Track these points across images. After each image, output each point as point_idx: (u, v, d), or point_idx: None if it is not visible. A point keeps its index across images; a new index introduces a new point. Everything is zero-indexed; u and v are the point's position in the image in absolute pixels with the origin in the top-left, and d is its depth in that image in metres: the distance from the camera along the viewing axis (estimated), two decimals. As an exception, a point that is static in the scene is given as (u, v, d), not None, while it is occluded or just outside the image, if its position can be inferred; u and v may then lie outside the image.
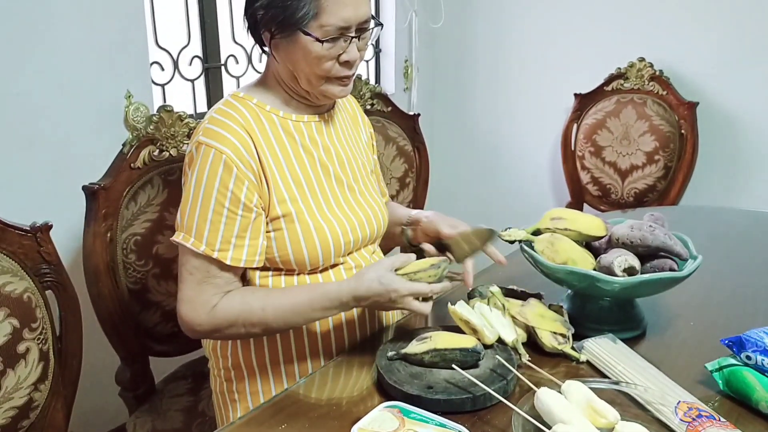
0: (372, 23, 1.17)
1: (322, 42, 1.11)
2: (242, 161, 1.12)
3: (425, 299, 1.11)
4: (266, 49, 1.20)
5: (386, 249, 1.49)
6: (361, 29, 1.15)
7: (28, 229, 1.20)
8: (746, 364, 1.00)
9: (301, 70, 1.16)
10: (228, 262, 1.13)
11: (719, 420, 0.91)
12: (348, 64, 1.16)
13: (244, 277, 1.22)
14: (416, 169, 2.33)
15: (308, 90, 1.19)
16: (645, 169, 2.61)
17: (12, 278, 1.16)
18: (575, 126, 2.76)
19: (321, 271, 1.23)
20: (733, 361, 1.02)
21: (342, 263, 1.25)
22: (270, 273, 1.21)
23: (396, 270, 1.11)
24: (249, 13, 1.17)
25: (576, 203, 2.78)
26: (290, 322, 1.15)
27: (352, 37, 1.13)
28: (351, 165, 1.30)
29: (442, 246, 1.27)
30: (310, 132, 1.24)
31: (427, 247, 1.28)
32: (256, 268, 1.19)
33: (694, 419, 0.91)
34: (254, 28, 1.18)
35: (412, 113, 2.32)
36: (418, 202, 2.37)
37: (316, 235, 1.18)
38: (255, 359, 1.23)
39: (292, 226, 1.17)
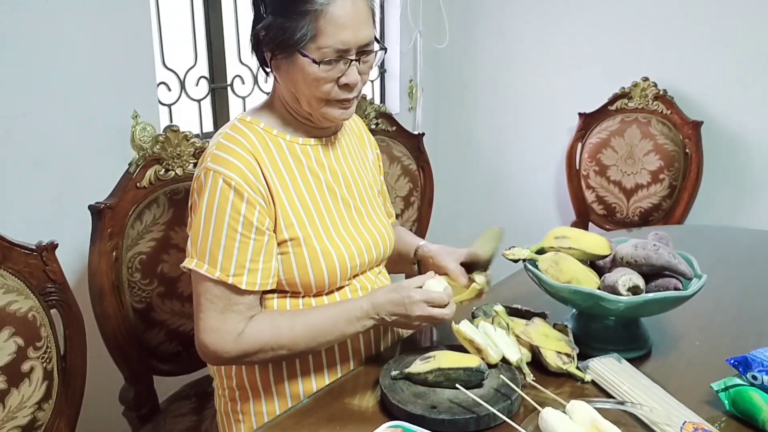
0: (376, 46, 1.16)
1: (318, 64, 1.10)
2: (251, 186, 1.12)
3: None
4: (268, 70, 1.21)
5: (391, 273, 1.49)
6: (363, 52, 1.14)
7: (34, 248, 1.21)
8: (752, 384, 0.99)
9: (301, 92, 1.16)
10: (243, 287, 1.12)
11: (726, 441, 0.90)
12: (348, 87, 1.15)
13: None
14: (421, 188, 2.34)
15: (310, 112, 1.19)
16: (650, 188, 2.60)
17: (17, 297, 1.16)
18: (580, 145, 2.76)
19: (327, 294, 1.23)
20: (739, 381, 1.01)
21: (348, 285, 1.25)
22: (275, 295, 1.21)
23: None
24: (252, 33, 1.18)
25: (581, 222, 2.78)
26: (319, 340, 1.15)
27: (352, 60, 1.13)
28: (358, 187, 1.31)
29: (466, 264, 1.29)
30: (317, 155, 1.24)
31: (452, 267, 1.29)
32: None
33: (700, 440, 0.90)
34: (257, 49, 1.19)
35: (416, 132, 2.33)
36: (422, 222, 2.38)
37: (323, 259, 1.18)
38: (259, 379, 1.23)
39: (299, 250, 1.17)
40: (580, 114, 2.75)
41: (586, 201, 2.76)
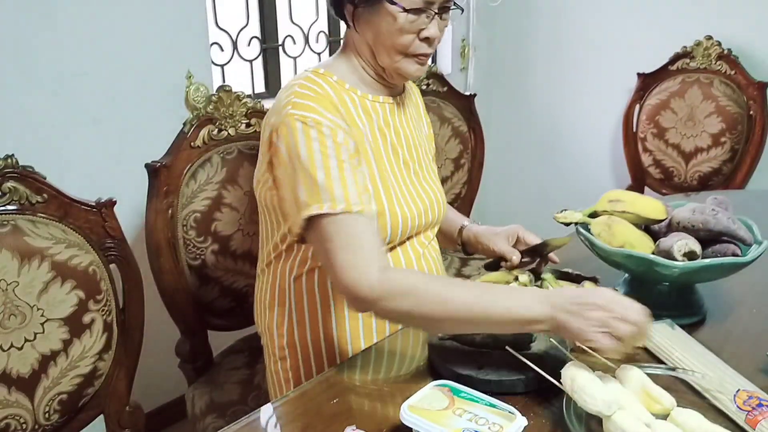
0: (452, 3, 1.16)
1: (407, 11, 1.10)
2: (340, 125, 1.11)
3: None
4: (348, 22, 1.19)
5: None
6: (445, 7, 1.14)
7: (94, 204, 1.24)
8: (812, 354, 0.96)
9: (381, 44, 1.15)
10: (367, 215, 1.06)
11: (781, 410, 0.88)
12: (428, 41, 1.15)
13: None
14: (471, 150, 2.32)
15: (385, 66, 1.18)
16: (710, 152, 2.52)
17: (78, 252, 1.21)
18: (638, 107, 2.68)
19: None
20: (797, 350, 0.98)
21: (400, 246, 1.25)
22: None
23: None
24: None
25: (637, 186, 2.71)
26: (477, 305, 0.97)
27: (435, 13, 1.13)
28: (417, 150, 1.30)
29: (532, 251, 1.27)
30: (384, 113, 1.24)
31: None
32: None
33: (753, 408, 0.88)
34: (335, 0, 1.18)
35: (468, 93, 2.30)
36: (472, 184, 2.36)
37: (389, 215, 1.18)
38: (310, 337, 1.25)
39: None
40: (639, 74, 2.66)
41: (643, 164, 2.68)
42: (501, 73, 3.19)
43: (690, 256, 1.07)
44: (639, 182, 2.71)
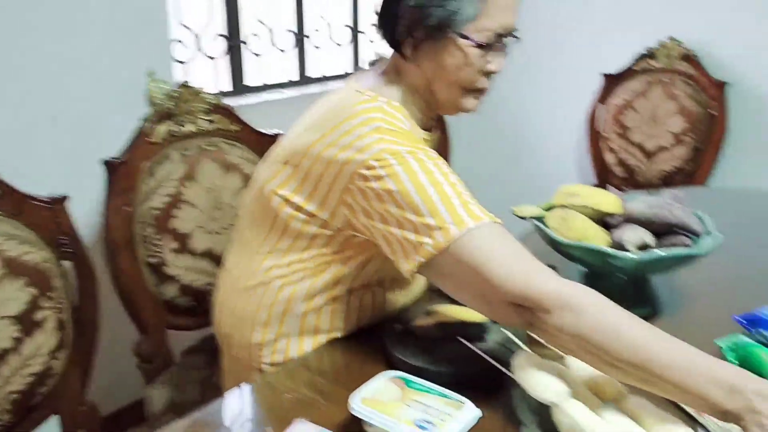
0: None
1: (480, 47, 1.03)
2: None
3: None
4: (406, 53, 1.07)
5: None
6: (510, 37, 1.08)
7: (47, 200, 1.23)
8: (759, 342, 0.98)
9: (443, 79, 1.07)
10: (487, 217, 0.95)
11: (729, 398, 0.89)
12: (490, 75, 1.09)
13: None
14: (438, 150, 2.31)
15: (443, 101, 1.10)
16: (673, 151, 2.56)
17: (31, 248, 1.19)
18: (602, 107, 2.71)
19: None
20: (745, 338, 1.00)
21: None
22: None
23: None
24: (391, 12, 1.05)
25: (601, 185, 2.73)
26: (656, 372, 0.80)
27: (504, 46, 1.08)
28: None
29: None
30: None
31: None
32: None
33: (702, 396, 0.89)
34: (393, 29, 1.06)
35: (433, 92, 2.30)
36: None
37: None
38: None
39: None
40: (603, 75, 2.69)
41: (607, 163, 2.71)
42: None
43: (643, 248, 1.08)
44: (603, 181, 2.74)
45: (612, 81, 2.68)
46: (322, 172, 1.03)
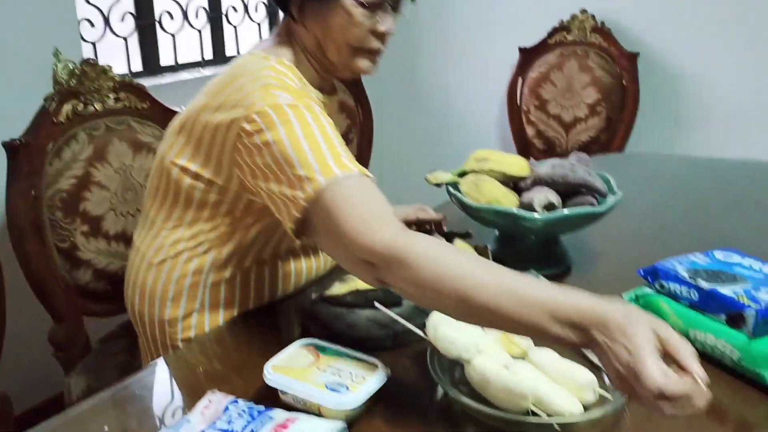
0: None
1: (363, 6, 1.03)
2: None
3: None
4: (294, 14, 1.08)
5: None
6: (398, 0, 1.08)
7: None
8: (660, 293, 1.02)
9: (332, 40, 1.07)
10: (355, 168, 0.94)
11: (631, 346, 0.93)
12: (382, 36, 1.09)
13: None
14: (359, 125, 2.31)
15: (335, 62, 1.10)
16: (588, 122, 2.63)
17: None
18: (520, 80, 2.76)
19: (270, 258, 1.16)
20: (648, 290, 1.04)
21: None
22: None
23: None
24: None
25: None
26: (502, 308, 0.76)
27: (391, 6, 1.07)
28: None
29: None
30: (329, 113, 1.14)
31: None
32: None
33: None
34: None
35: (353, 68, 2.29)
36: (362, 160, 2.36)
37: None
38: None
39: None
40: (520, 49, 2.74)
41: (527, 136, 2.77)
42: (391, 52, 3.19)
43: (549, 208, 1.11)
44: (525, 154, 2.80)
45: (528, 55, 2.73)
46: (213, 134, 1.03)
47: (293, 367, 0.85)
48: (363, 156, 2.35)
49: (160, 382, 0.97)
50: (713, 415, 0.85)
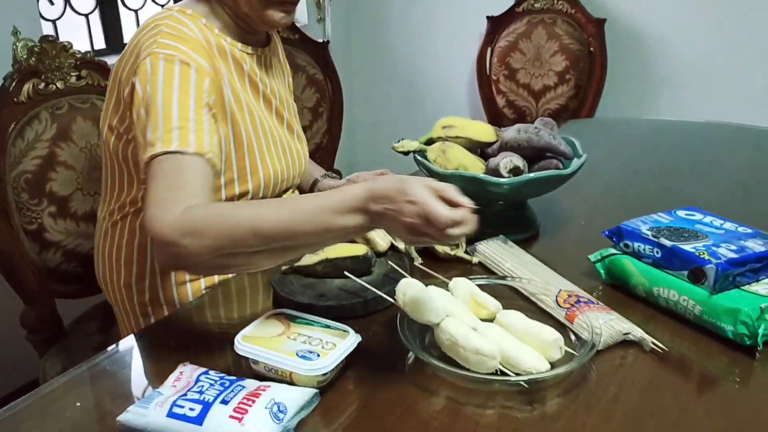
0: None
1: None
2: (209, 74, 1.04)
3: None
4: None
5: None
6: None
7: None
8: (625, 252, 1.04)
9: None
10: (192, 145, 0.96)
11: (597, 304, 0.95)
12: None
13: None
14: (329, 98, 2.30)
15: (249, 14, 1.12)
16: (557, 90, 2.64)
17: None
18: (489, 50, 2.76)
19: None
20: (613, 251, 1.06)
21: None
22: None
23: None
24: None
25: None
26: (292, 225, 0.84)
27: None
28: (284, 103, 1.28)
29: None
30: (252, 63, 1.19)
31: None
32: None
33: (572, 305, 0.94)
34: None
35: (321, 41, 2.27)
36: (333, 133, 2.35)
37: (261, 169, 1.16)
38: (177, 291, 1.20)
39: (242, 157, 1.14)
40: (488, 17, 2.73)
41: (498, 106, 2.78)
42: (358, 23, 3.19)
43: (515, 172, 1.12)
44: (496, 123, 2.78)
45: (496, 23, 2.73)
46: (121, 87, 1.07)
47: (263, 336, 0.86)
48: (333, 128, 2.34)
49: (132, 357, 0.97)
50: (678, 366, 0.87)
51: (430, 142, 1.25)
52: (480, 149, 1.25)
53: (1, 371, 1.80)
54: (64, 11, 2.02)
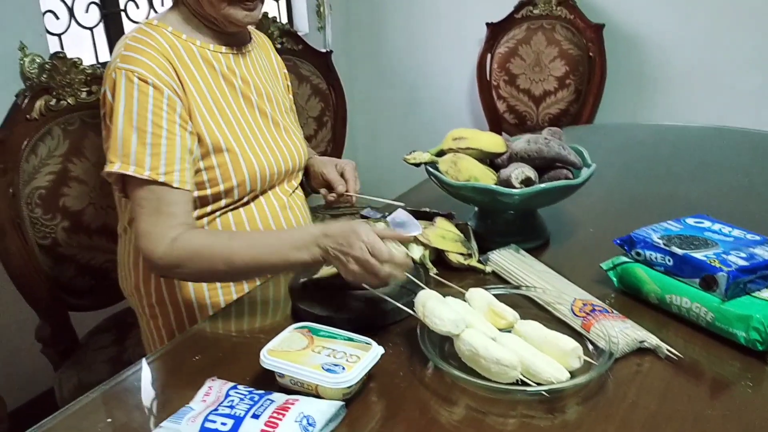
0: None
1: None
2: (168, 83, 1.10)
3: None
4: None
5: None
6: None
7: None
8: (636, 260, 1.06)
9: None
10: (176, 185, 1.08)
11: (612, 313, 0.97)
12: None
13: None
14: (333, 107, 2.32)
15: (213, 14, 1.17)
16: (558, 94, 2.67)
17: None
18: (489, 56, 2.78)
19: (244, 205, 1.23)
20: (625, 258, 1.08)
21: (262, 195, 1.26)
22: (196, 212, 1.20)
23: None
24: None
25: (495, 132, 2.82)
26: (259, 259, 1.03)
27: None
28: (270, 99, 1.30)
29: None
30: (228, 63, 1.23)
31: (324, 192, 1.36)
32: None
33: (588, 314, 0.96)
34: None
35: (324, 50, 2.29)
36: (337, 141, 2.37)
37: (244, 163, 1.19)
38: (180, 293, 1.23)
39: (222, 156, 1.17)
40: (487, 24, 2.76)
41: (498, 111, 2.80)
42: (359, 31, 3.21)
43: (526, 182, 1.14)
44: (496, 128, 2.83)
45: (496, 30, 2.75)
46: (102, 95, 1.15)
47: (288, 350, 0.87)
48: (338, 136, 2.36)
49: (158, 372, 0.98)
50: (692, 373, 0.90)
51: (440, 153, 1.27)
52: (490, 160, 1.27)
53: (17, 382, 1.81)
54: (69, 25, 2.03)
